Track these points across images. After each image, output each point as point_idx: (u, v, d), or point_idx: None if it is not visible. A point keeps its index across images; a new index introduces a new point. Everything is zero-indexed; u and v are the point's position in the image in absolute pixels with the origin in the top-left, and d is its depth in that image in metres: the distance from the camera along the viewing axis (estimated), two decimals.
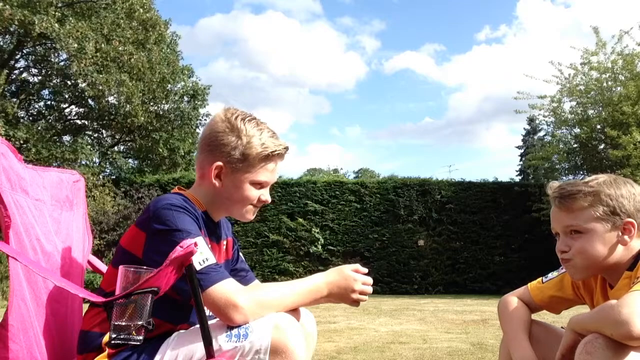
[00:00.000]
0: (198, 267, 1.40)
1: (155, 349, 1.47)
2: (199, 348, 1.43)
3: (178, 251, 1.26)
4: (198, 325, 1.50)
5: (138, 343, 1.28)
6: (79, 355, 1.57)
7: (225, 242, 1.79)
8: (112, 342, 1.27)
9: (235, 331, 1.44)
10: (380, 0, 72.35)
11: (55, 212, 1.74)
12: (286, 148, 1.67)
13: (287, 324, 1.45)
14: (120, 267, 1.32)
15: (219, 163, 1.62)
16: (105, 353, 1.51)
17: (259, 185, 1.66)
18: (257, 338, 1.41)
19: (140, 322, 1.27)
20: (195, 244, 1.32)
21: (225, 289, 1.46)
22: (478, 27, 75.37)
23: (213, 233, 1.70)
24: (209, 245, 1.55)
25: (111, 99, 15.24)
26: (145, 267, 1.32)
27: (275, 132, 1.68)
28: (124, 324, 1.27)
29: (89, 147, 15.09)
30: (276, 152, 1.64)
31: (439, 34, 74.67)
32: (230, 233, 1.87)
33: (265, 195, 1.69)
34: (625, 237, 1.57)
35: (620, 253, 1.58)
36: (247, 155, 1.61)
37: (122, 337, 1.26)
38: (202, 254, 1.45)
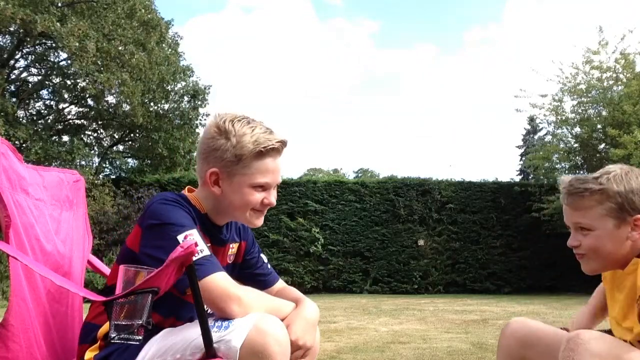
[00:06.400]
0: (193, 258, 1.36)
1: (143, 342, 1.46)
2: (184, 341, 1.42)
3: (179, 251, 1.25)
4: (187, 324, 1.52)
5: (137, 343, 1.28)
6: (79, 346, 1.58)
7: (234, 246, 1.77)
8: (112, 341, 1.27)
9: (218, 323, 1.42)
10: (372, 1, 72.24)
11: (55, 212, 1.75)
12: (282, 142, 1.60)
13: (269, 325, 1.40)
14: (121, 267, 1.32)
15: (214, 169, 1.58)
16: (97, 345, 1.52)
17: (260, 187, 1.59)
18: (232, 337, 1.38)
19: (140, 322, 1.27)
20: (196, 244, 1.31)
21: (222, 279, 1.45)
22: (468, 27, 75.10)
23: (214, 236, 1.67)
24: (208, 245, 1.54)
25: (111, 99, 15.25)
26: (146, 267, 1.32)
27: (269, 129, 1.61)
28: (123, 323, 1.27)
29: (86, 148, 15.07)
30: (270, 147, 1.56)
31: (431, 35, 74.42)
32: (247, 236, 1.83)
33: (269, 197, 1.62)
34: (635, 233, 1.55)
35: (629, 247, 1.56)
36: (241, 156, 1.55)
37: (122, 336, 1.26)
38: (197, 246, 1.43)
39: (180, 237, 1.44)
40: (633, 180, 1.57)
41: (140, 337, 1.28)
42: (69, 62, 14.32)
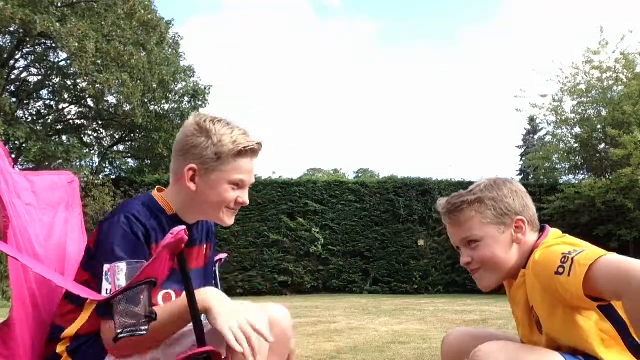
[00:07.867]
0: (103, 294, 1.33)
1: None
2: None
3: (168, 238, 1.29)
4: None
5: (144, 333, 1.28)
6: (46, 344, 1.55)
7: (205, 246, 1.79)
8: (119, 337, 1.27)
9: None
10: (372, 1, 72.28)
11: (45, 217, 1.75)
12: (259, 144, 1.67)
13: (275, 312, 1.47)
14: (112, 265, 1.32)
15: (192, 165, 1.61)
16: (63, 342, 1.51)
17: (236, 185, 1.64)
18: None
19: (142, 314, 1.28)
20: (186, 232, 1.32)
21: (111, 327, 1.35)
22: (468, 27, 75.08)
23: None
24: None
25: (111, 99, 15.27)
26: (136, 261, 1.33)
27: (246, 130, 1.67)
28: (127, 319, 1.27)
29: (84, 148, 15.07)
30: (249, 148, 1.63)
31: (431, 34, 74.43)
32: (212, 239, 1.84)
33: (243, 196, 1.67)
34: (519, 235, 1.60)
35: (518, 253, 1.60)
36: (220, 154, 1.60)
37: (128, 330, 1.27)
38: (110, 283, 1.35)
39: (106, 267, 1.37)
40: (502, 186, 1.63)
41: (146, 328, 1.28)
42: (68, 62, 14.33)
